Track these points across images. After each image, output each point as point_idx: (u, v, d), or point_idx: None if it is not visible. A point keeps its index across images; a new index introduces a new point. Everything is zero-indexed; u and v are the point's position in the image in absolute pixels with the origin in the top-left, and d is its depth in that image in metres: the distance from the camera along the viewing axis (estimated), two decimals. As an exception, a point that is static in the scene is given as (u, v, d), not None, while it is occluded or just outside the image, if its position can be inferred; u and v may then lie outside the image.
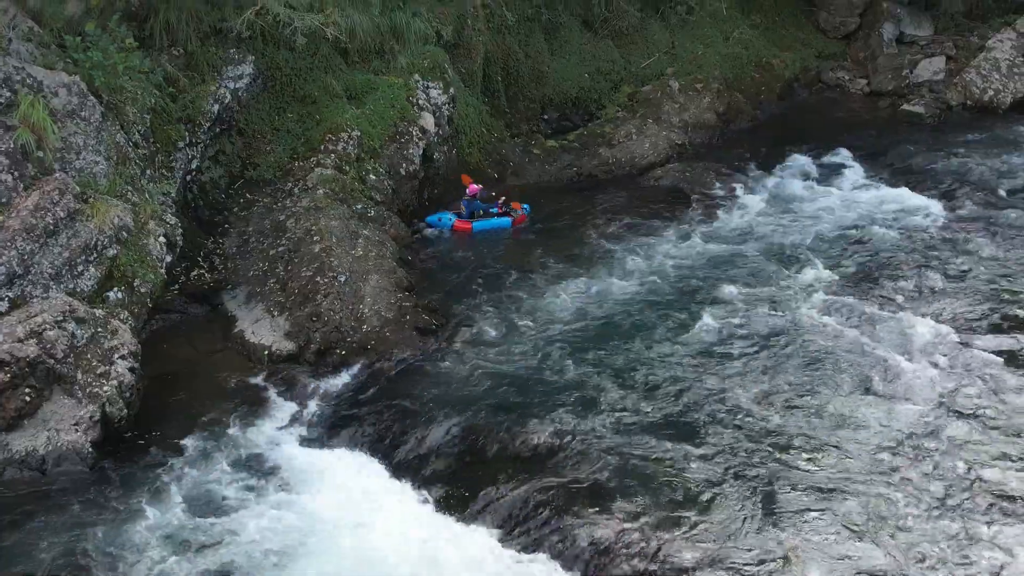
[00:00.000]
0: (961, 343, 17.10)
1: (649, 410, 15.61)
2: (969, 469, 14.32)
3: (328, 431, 15.59)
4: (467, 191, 22.12)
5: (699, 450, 14.72)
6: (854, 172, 24.80)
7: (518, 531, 13.51)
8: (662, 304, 18.62)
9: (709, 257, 20.52)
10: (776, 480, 14.16)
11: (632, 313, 18.31)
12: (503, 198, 22.36)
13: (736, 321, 17.94)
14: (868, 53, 31.23)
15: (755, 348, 17.19)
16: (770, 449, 14.76)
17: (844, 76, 30.76)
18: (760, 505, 13.69)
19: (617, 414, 15.48)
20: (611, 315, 18.27)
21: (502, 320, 18.25)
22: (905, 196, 23.07)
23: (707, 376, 16.43)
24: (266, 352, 17.30)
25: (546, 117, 26.76)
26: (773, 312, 18.30)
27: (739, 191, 23.66)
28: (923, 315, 18.02)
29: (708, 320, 18.01)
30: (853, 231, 21.59)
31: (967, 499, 13.81)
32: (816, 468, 14.39)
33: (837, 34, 31.92)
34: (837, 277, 19.60)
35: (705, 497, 13.87)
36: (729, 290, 19.05)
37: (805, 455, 14.64)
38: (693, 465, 14.46)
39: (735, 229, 21.88)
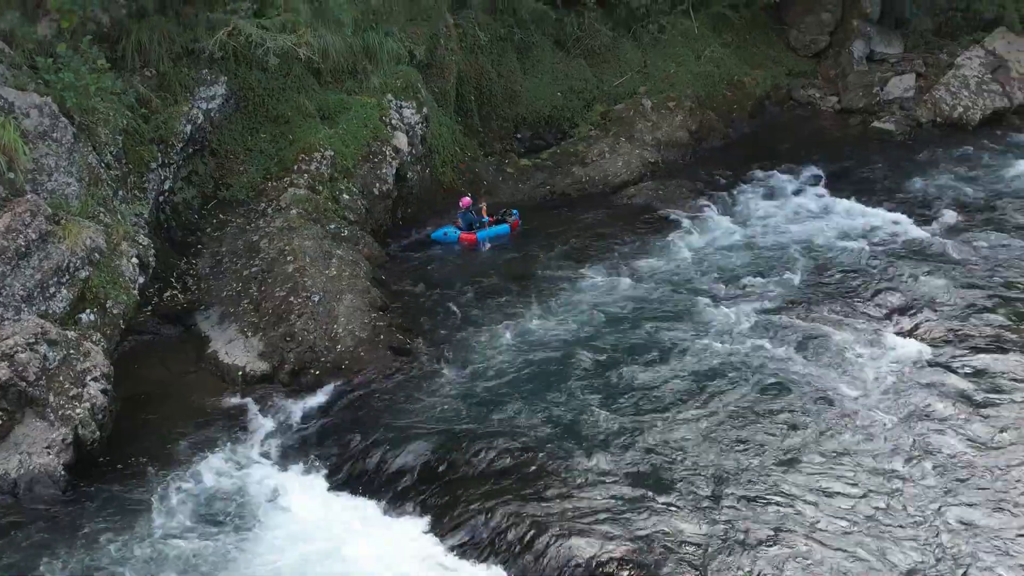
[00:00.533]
0: (930, 358, 17.29)
1: (618, 430, 15.64)
2: (935, 482, 14.46)
3: (303, 452, 15.59)
4: (460, 204, 22.48)
5: (666, 472, 14.73)
6: (825, 189, 25.03)
7: (492, 551, 13.52)
8: (632, 324, 18.71)
9: (681, 277, 20.67)
10: (742, 496, 14.21)
11: (603, 334, 18.39)
12: (483, 204, 22.83)
13: (705, 340, 18.01)
14: (839, 71, 31.60)
15: (725, 364, 17.28)
16: (735, 464, 14.83)
17: (815, 94, 31.10)
18: (730, 524, 13.74)
19: (587, 435, 15.51)
20: (582, 337, 18.32)
21: (475, 340, 18.31)
22: (876, 213, 23.30)
23: (676, 395, 16.47)
24: (240, 373, 17.32)
25: (519, 136, 26.93)
26: (746, 328, 18.42)
27: (712, 209, 23.86)
28: (892, 330, 18.22)
29: (680, 339, 18.10)
30: (824, 248, 21.78)
31: (931, 513, 13.91)
32: (780, 486, 14.42)
33: (808, 52, 32.30)
34: (808, 293, 19.77)
35: (670, 517, 13.90)
36: (701, 308, 19.18)
37: (772, 469, 14.71)
38: (659, 485, 14.47)
39: (707, 247, 22.05)
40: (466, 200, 22.55)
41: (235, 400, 16.72)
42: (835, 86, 31.29)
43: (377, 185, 21.71)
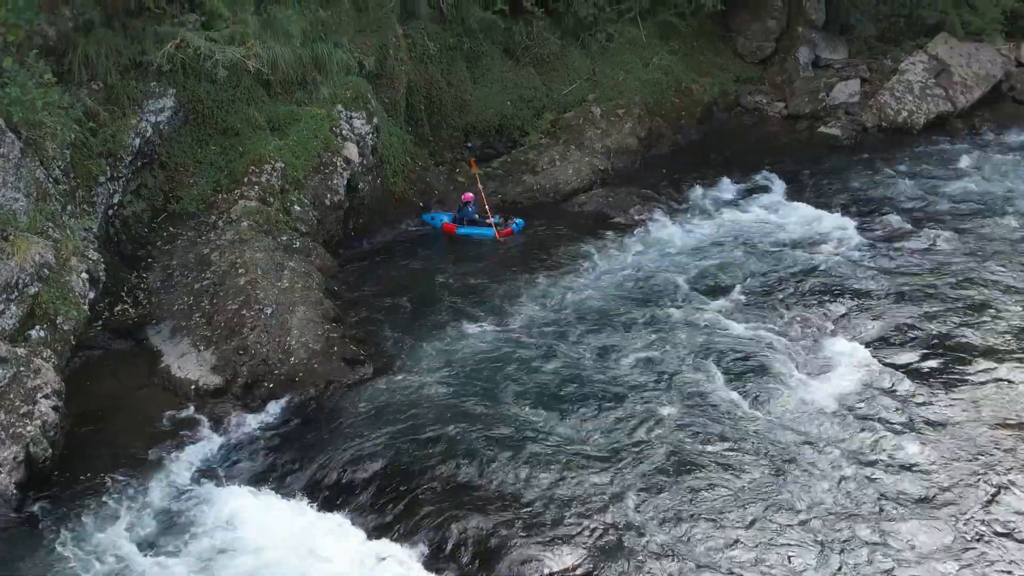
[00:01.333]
0: (875, 362, 17.61)
1: (575, 438, 15.81)
2: (872, 483, 14.78)
3: (258, 465, 15.61)
4: (462, 198, 23.44)
5: (621, 478, 14.92)
6: (773, 194, 25.46)
7: (447, 562, 13.63)
8: (585, 332, 18.89)
9: (631, 284, 20.85)
10: (688, 501, 14.46)
11: (555, 342, 18.55)
12: (497, 216, 23.65)
13: (655, 349, 18.18)
14: (785, 77, 32.04)
15: (672, 373, 17.51)
16: (683, 472, 15.07)
17: (762, 100, 31.51)
18: (679, 531, 13.94)
19: (544, 444, 15.64)
20: (534, 345, 18.47)
21: (429, 349, 18.40)
22: (822, 217, 23.70)
23: (627, 404, 16.64)
24: (193, 387, 17.30)
25: (470, 145, 27.06)
26: (691, 335, 18.64)
27: (661, 215, 24.13)
28: (838, 335, 18.54)
29: (630, 347, 18.31)
30: (772, 254, 22.08)
31: (871, 513, 14.23)
32: (723, 490, 14.67)
33: (754, 59, 32.73)
34: (755, 298, 20.05)
35: (630, 524, 14.10)
36: (649, 315, 19.37)
37: (718, 475, 14.95)
38: (614, 492, 14.66)
39: (656, 254, 22.28)
40: (468, 195, 23.53)
41: (188, 414, 16.68)
42: (782, 92, 31.73)
43: (328, 196, 21.75)
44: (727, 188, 25.85)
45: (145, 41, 20.05)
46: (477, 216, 23.56)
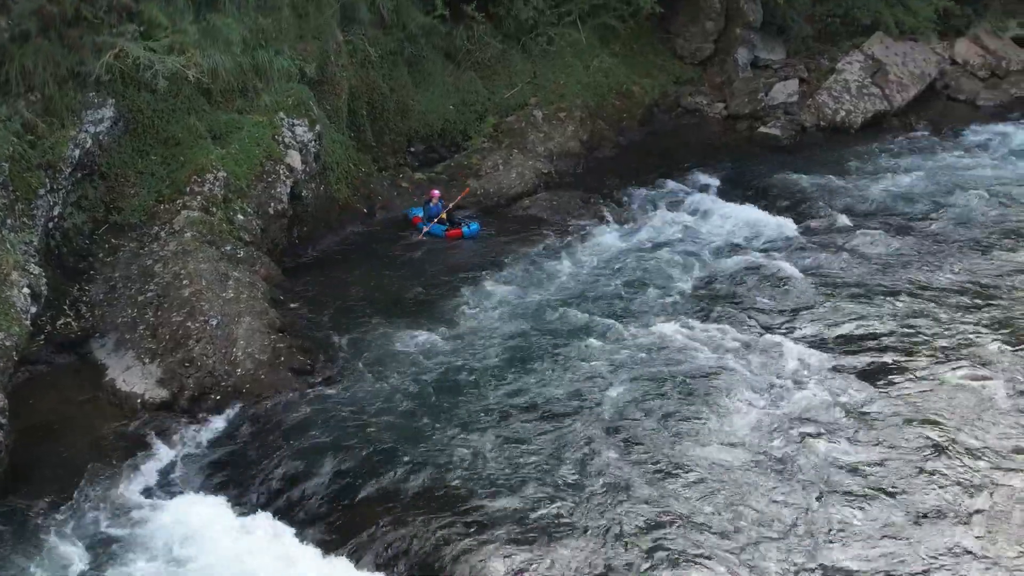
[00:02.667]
0: (817, 361, 17.98)
1: (524, 446, 16.00)
2: (824, 483, 15.10)
3: (206, 479, 15.61)
4: (430, 194, 24.14)
5: (577, 490, 15.11)
6: (714, 195, 25.80)
7: (400, 572, 13.75)
8: (530, 338, 19.09)
9: (575, 289, 21.04)
10: (648, 514, 14.68)
11: (500, 348, 18.71)
12: (450, 205, 24.15)
13: (596, 360, 18.37)
14: (724, 78, 32.43)
15: (616, 378, 17.73)
16: (637, 482, 15.31)
17: (702, 101, 31.86)
18: (633, 542, 14.16)
19: (495, 453, 15.80)
20: (479, 351, 18.61)
21: (376, 358, 18.50)
22: (762, 218, 24.06)
23: (581, 413, 16.83)
24: (139, 400, 17.25)
25: (413, 150, 27.15)
26: (629, 345, 18.85)
27: (604, 218, 24.42)
28: (780, 335, 18.88)
29: (577, 353, 18.55)
30: (712, 256, 22.41)
31: (820, 516, 14.54)
32: (679, 501, 14.90)
33: (694, 60, 33.02)
34: (696, 301, 20.36)
35: (586, 533, 14.30)
36: (594, 322, 19.57)
37: (670, 483, 15.22)
38: (569, 502, 14.84)
39: (598, 257, 22.48)
40: (434, 192, 24.20)
41: (134, 429, 16.63)
42: (722, 93, 32.10)
43: (272, 204, 21.74)
44: (668, 190, 26.16)
45: (83, 51, 19.88)
46: (444, 215, 23.88)
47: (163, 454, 16.07)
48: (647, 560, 13.64)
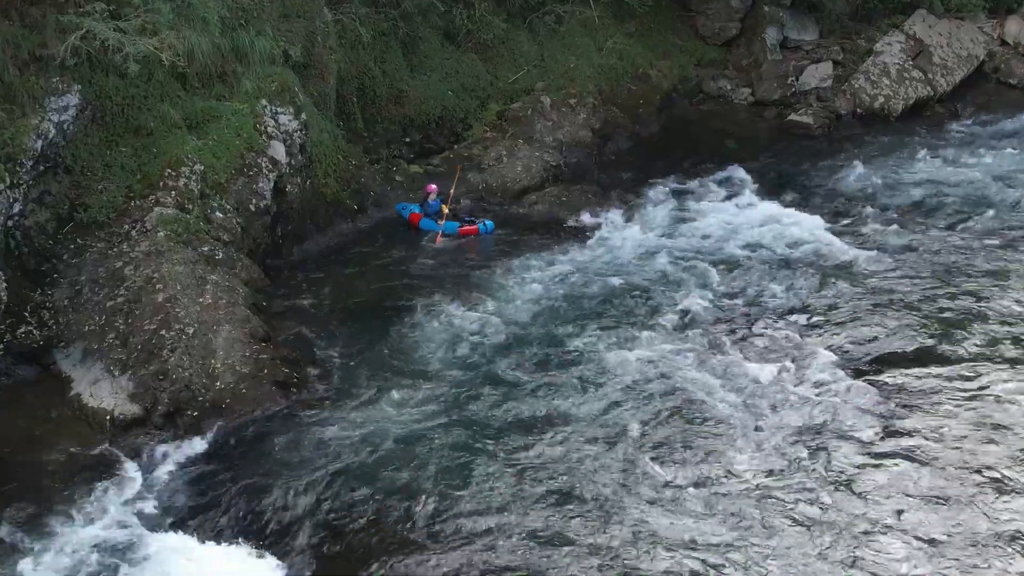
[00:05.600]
0: (846, 372, 18.15)
1: (518, 472, 16.14)
2: (849, 499, 15.33)
3: (182, 505, 15.70)
4: (426, 189, 24.44)
5: (567, 519, 15.24)
6: (739, 190, 25.91)
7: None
8: (535, 348, 19.30)
9: (587, 295, 21.20)
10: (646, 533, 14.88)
11: (501, 361, 18.88)
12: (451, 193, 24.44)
13: (613, 365, 18.59)
14: (751, 60, 32.39)
15: (628, 392, 17.93)
16: (652, 496, 15.52)
17: (727, 85, 31.91)
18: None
19: (494, 481, 15.95)
20: (479, 365, 18.79)
21: (366, 369, 18.64)
22: (792, 217, 24.17)
23: (578, 431, 16.99)
24: (108, 417, 17.36)
25: (408, 140, 27.24)
26: (650, 349, 19.05)
27: (618, 216, 24.58)
28: (812, 343, 19.02)
29: (584, 365, 18.71)
30: (738, 259, 22.52)
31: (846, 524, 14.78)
32: (684, 517, 15.13)
33: (717, 40, 32.94)
34: (719, 309, 20.48)
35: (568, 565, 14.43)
36: (607, 329, 19.76)
37: (683, 497, 15.45)
38: (559, 533, 14.99)
39: (613, 260, 22.67)
40: (431, 187, 24.34)
41: (104, 448, 16.75)
42: (748, 76, 32.09)
43: (253, 201, 21.85)
44: (688, 186, 26.27)
45: (46, 32, 20.00)
46: (445, 210, 24.09)
47: (134, 477, 16.17)
48: None
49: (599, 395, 17.79)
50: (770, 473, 15.86)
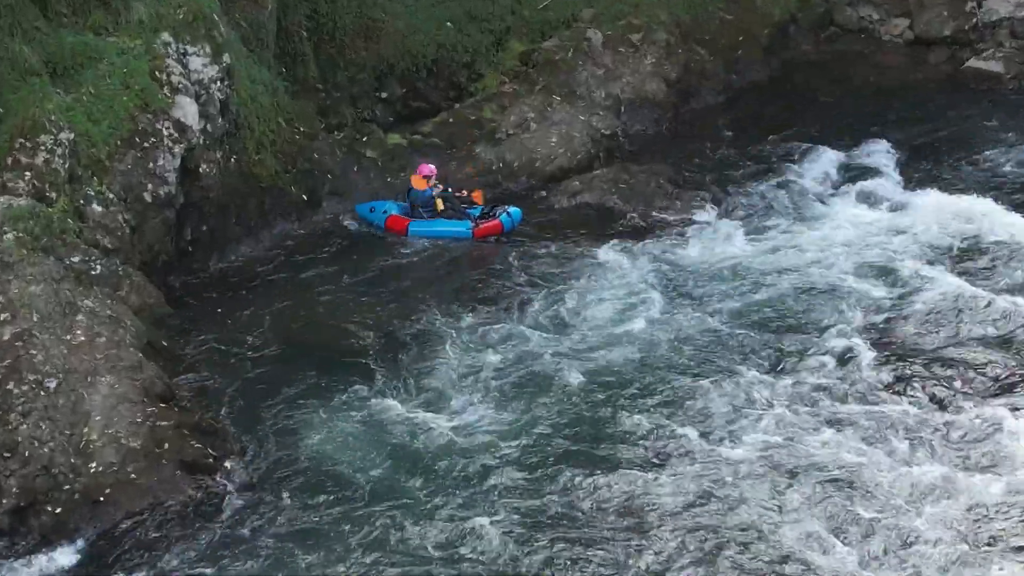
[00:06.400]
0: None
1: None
2: None
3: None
4: (418, 172, 24.67)
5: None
6: (887, 176, 26.02)
7: None
8: (565, 408, 19.27)
9: (649, 331, 21.14)
10: None
11: (511, 439, 18.79)
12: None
13: (703, 444, 18.46)
14: (909, -24, 32.44)
15: (741, 485, 17.80)
16: None
17: (872, 15, 31.96)
18: None
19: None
20: (469, 427, 18.86)
21: (315, 445, 18.57)
22: (975, 213, 24.14)
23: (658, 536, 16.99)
24: (-76, 514, 17.37)
25: (384, 95, 27.32)
26: (773, 419, 18.95)
27: (706, 212, 24.67)
28: (1004, 412, 18.89)
29: (655, 443, 18.61)
30: (889, 274, 22.48)
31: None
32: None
33: (855, -56, 33.03)
34: (868, 354, 20.37)
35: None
36: (694, 386, 19.63)
37: None
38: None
39: (701, 279, 22.60)
40: (427, 168, 24.50)
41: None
42: (904, 2, 32.08)
43: (150, 187, 21.86)
44: (814, 166, 26.40)
45: None
46: (442, 204, 24.14)
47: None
48: None
49: (682, 487, 17.71)
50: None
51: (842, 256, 23.37)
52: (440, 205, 24.08)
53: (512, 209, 24.31)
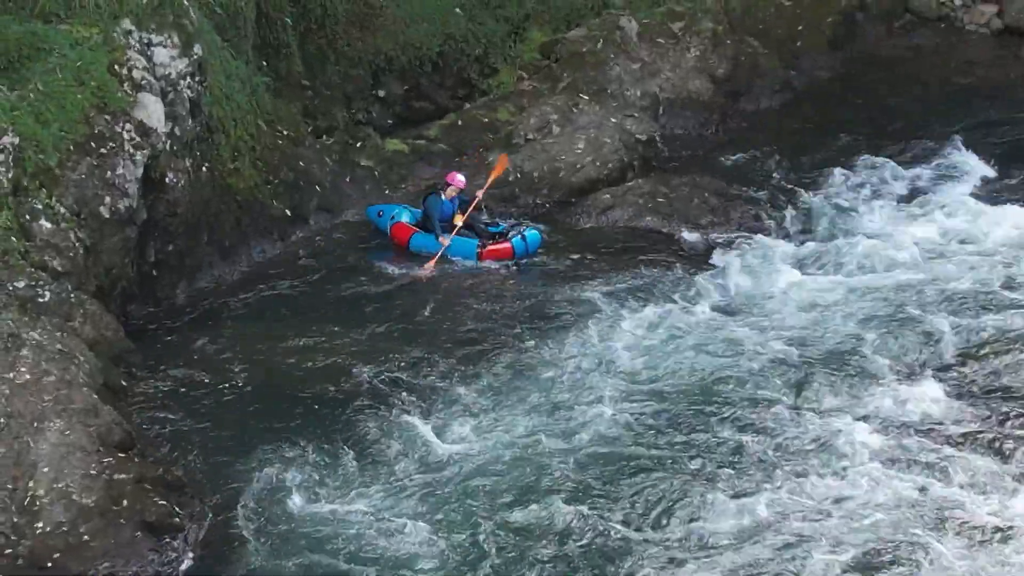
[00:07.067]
0: None
1: None
2: None
3: None
4: (447, 180, 24.69)
5: None
6: (977, 186, 26.13)
7: None
8: (586, 475, 19.05)
9: (710, 370, 21.11)
10: None
11: (518, 493, 18.74)
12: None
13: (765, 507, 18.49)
14: (997, -45, 32.56)
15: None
16: None
17: (953, 1, 31.96)
18: None
19: None
20: (480, 486, 18.81)
21: (293, 506, 18.53)
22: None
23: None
24: None
25: (382, 94, 27.45)
26: (835, 475, 18.94)
27: (763, 232, 24.66)
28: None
29: (701, 510, 18.54)
30: (976, 304, 22.47)
31: None
32: None
33: (933, -82, 33.20)
34: (959, 402, 20.35)
35: None
36: (748, 441, 19.57)
37: None
38: None
39: (757, 311, 22.72)
40: (457, 177, 24.62)
41: None
42: (993, -14, 32.29)
43: (107, 200, 21.94)
44: (886, 176, 26.43)
45: None
46: (459, 221, 24.28)
47: None
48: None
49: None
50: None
51: (912, 270, 23.58)
52: (458, 221, 24.06)
53: (529, 232, 24.31)
